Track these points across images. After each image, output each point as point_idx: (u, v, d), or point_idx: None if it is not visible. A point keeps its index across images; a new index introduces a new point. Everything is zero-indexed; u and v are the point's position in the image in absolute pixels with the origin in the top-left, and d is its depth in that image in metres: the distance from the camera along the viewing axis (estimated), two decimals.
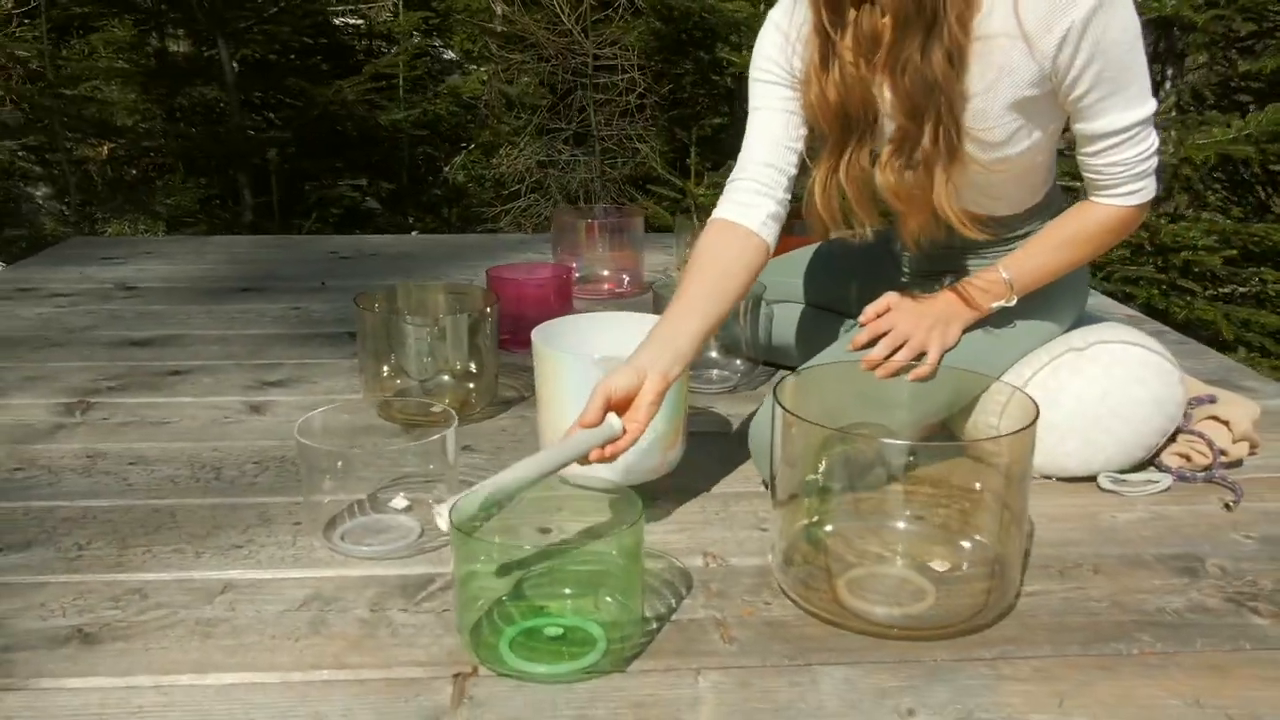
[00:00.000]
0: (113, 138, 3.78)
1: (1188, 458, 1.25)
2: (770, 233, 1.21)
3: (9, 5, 4.86)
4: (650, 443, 1.19)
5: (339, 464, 1.07)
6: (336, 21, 5.89)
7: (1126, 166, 1.15)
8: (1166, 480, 1.21)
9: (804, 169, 1.25)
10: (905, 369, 1.16)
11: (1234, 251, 2.69)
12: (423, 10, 5.49)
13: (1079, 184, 1.21)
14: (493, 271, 1.71)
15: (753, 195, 1.21)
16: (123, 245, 2.63)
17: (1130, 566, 1.04)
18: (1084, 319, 1.36)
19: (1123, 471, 1.23)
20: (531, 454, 0.98)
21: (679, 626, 0.94)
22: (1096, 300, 2.04)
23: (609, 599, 0.92)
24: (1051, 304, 1.27)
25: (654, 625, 0.94)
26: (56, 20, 4.72)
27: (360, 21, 6.01)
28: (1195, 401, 1.31)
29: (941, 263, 1.34)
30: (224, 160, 3.46)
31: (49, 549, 1.07)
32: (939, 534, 1.00)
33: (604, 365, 1.15)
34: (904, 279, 1.40)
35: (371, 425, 1.20)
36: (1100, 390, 1.20)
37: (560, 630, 0.91)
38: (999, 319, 1.24)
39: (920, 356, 1.18)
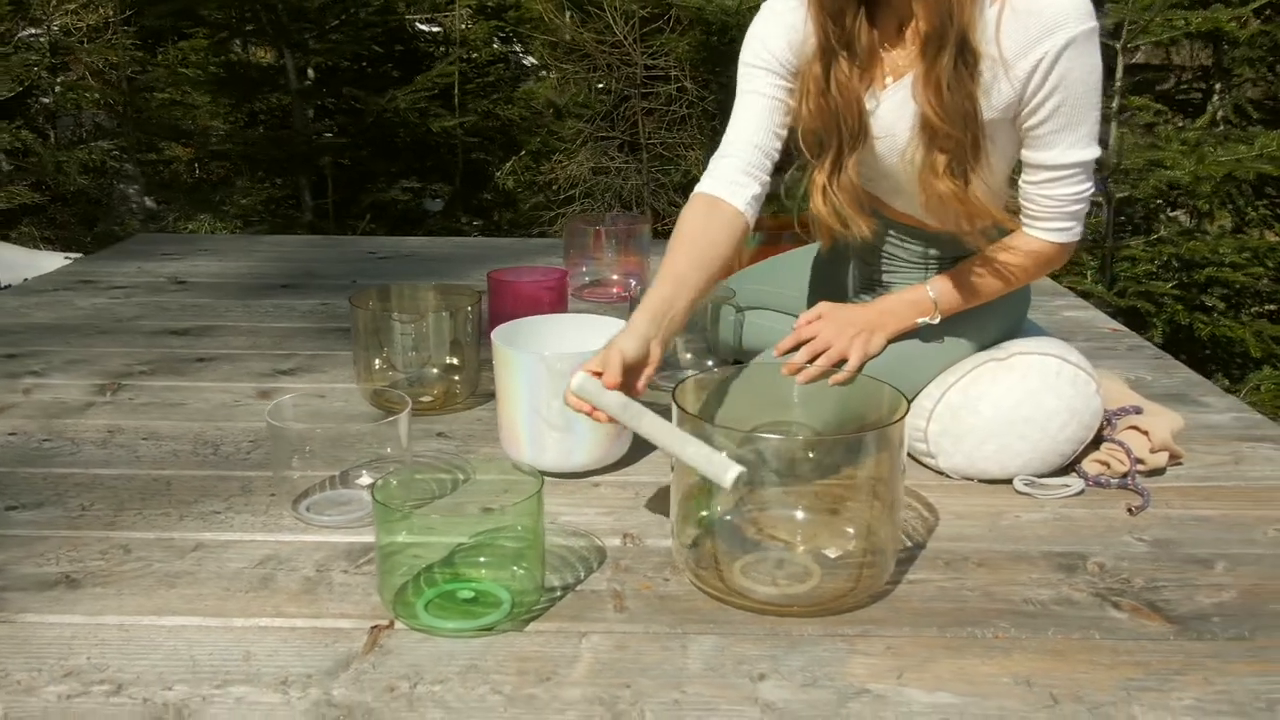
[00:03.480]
0: (183, 141, 4.04)
1: (1107, 465, 1.31)
2: (752, 213, 1.28)
3: (109, 13, 5.19)
4: (598, 432, 1.31)
5: (307, 446, 1.21)
6: (419, 27, 6.14)
7: (1059, 202, 1.23)
8: (1080, 485, 1.28)
9: (782, 164, 1.33)
10: (827, 374, 1.25)
11: (1260, 269, 2.69)
12: (495, 20, 5.69)
13: None
14: (493, 274, 1.84)
15: (740, 174, 1.27)
16: (183, 242, 2.84)
17: (1014, 561, 1.12)
18: (1027, 333, 1.42)
19: (1041, 476, 1.30)
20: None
21: (580, 595, 1.05)
22: (1089, 315, 2.09)
23: (516, 568, 1.04)
24: (982, 323, 1.34)
25: (558, 593, 1.06)
26: (151, 28, 5.04)
27: (438, 29, 6.25)
28: (1121, 411, 1.37)
29: (901, 273, 1.42)
30: (287, 164, 3.68)
31: (57, 508, 1.23)
32: (836, 522, 1.10)
33: (552, 364, 1.27)
34: (862, 290, 1.49)
35: (347, 411, 1.34)
36: (1016, 398, 1.28)
37: (472, 594, 1.03)
38: (927, 333, 1.32)
39: (842, 364, 1.27)
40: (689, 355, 1.69)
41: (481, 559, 1.05)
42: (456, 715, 0.87)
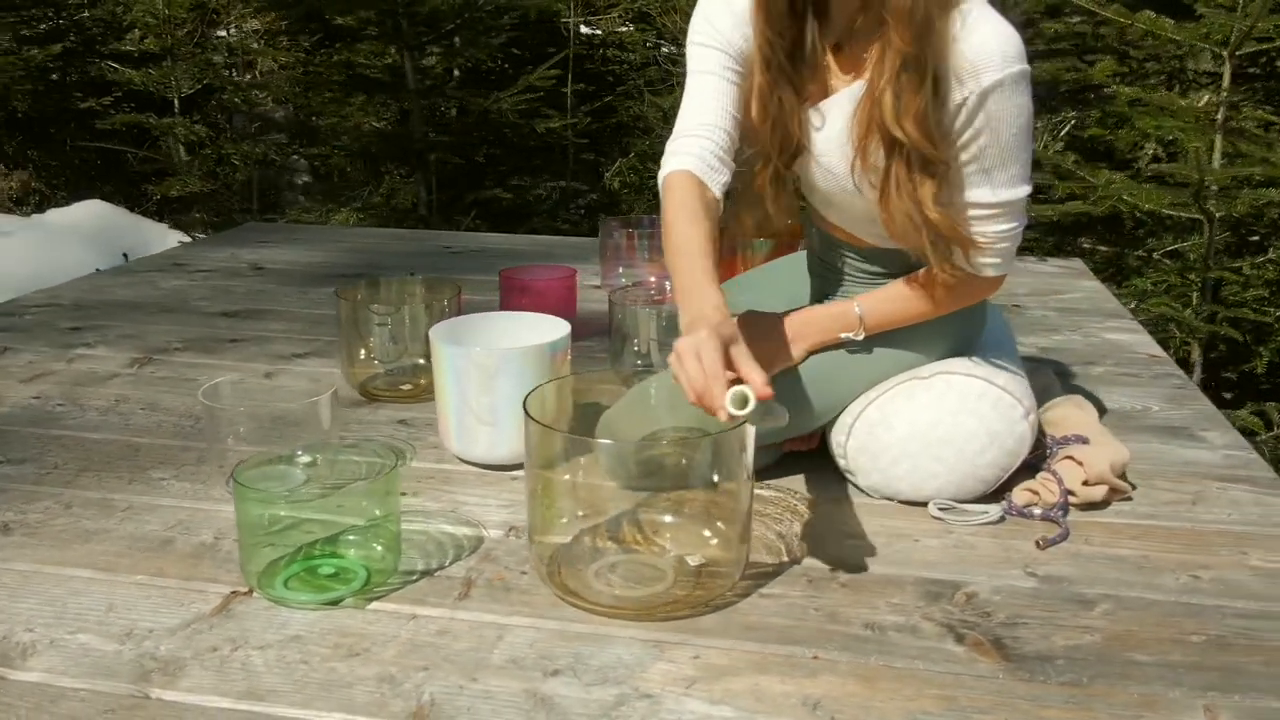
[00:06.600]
0: (306, 140, 4.31)
1: (1037, 494, 1.25)
2: (721, 204, 1.21)
3: (281, 22, 5.58)
4: (522, 428, 1.34)
5: (240, 426, 1.30)
6: (584, 31, 6.33)
7: (988, 239, 1.19)
8: (999, 513, 1.22)
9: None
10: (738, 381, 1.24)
11: None
12: (641, 23, 5.80)
13: None
14: (504, 272, 1.90)
15: (714, 159, 1.19)
16: (281, 231, 3.05)
17: (881, 584, 1.09)
18: (984, 353, 1.36)
19: (963, 501, 1.25)
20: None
21: (434, 580, 1.10)
22: (1132, 339, 1.96)
23: (378, 548, 1.10)
24: (918, 340, 1.29)
25: (415, 576, 1.10)
26: (314, 31, 5.39)
27: (598, 32, 6.42)
28: (1064, 440, 1.30)
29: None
30: (406, 161, 3.88)
31: (34, 465, 1.37)
32: (699, 529, 1.10)
33: (478, 359, 1.32)
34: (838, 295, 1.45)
35: (290, 392, 1.41)
36: (931, 418, 1.23)
37: (333, 569, 1.10)
38: (858, 346, 1.29)
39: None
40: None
41: (352, 537, 1.11)
42: (253, 678, 0.93)
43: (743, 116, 1.22)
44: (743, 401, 0.92)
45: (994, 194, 1.16)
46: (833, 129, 1.20)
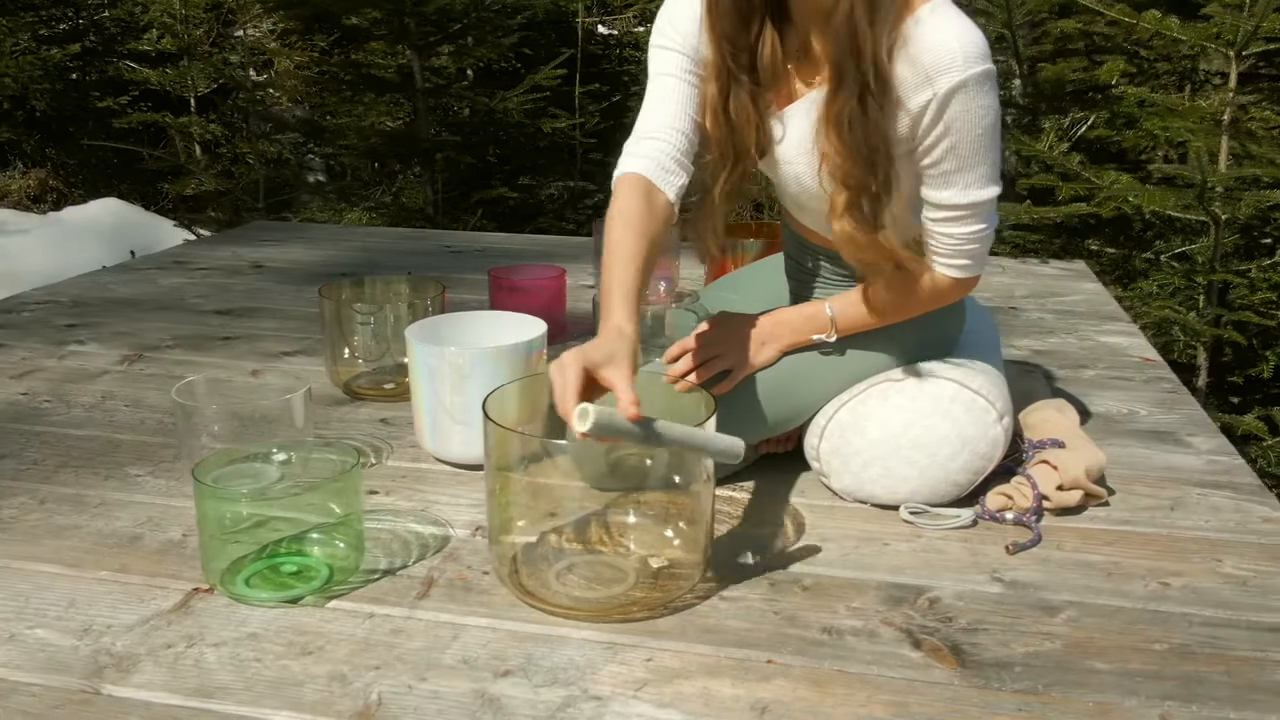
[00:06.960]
0: (306, 137, 4.33)
1: (1011, 499, 1.24)
2: (678, 206, 1.21)
3: (291, 22, 5.61)
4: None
5: (215, 424, 1.30)
6: (601, 31, 6.33)
7: (958, 241, 1.18)
8: (970, 517, 1.21)
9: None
10: (709, 383, 1.23)
11: None
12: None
13: None
14: (494, 272, 1.90)
15: (670, 161, 1.19)
16: (286, 230, 3.06)
17: (843, 588, 1.08)
18: (962, 355, 1.35)
19: (935, 505, 1.24)
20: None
21: (395, 578, 1.10)
22: (1127, 342, 1.94)
23: (341, 546, 1.10)
24: (888, 340, 1.28)
25: (377, 575, 1.10)
26: (329, 31, 5.42)
27: (614, 33, 6.42)
28: (1040, 444, 1.28)
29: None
30: (412, 161, 3.90)
31: (14, 460, 1.38)
32: (662, 530, 1.10)
33: (452, 358, 1.32)
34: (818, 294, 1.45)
35: (264, 389, 1.42)
36: (903, 420, 1.22)
37: (296, 567, 1.10)
38: (831, 348, 1.28)
39: (726, 374, 1.25)
40: (655, 361, 1.69)
41: (316, 535, 1.11)
42: (205, 675, 0.93)
43: (703, 120, 1.22)
44: (584, 417, 0.92)
45: (962, 195, 1.15)
46: (796, 135, 1.19)
